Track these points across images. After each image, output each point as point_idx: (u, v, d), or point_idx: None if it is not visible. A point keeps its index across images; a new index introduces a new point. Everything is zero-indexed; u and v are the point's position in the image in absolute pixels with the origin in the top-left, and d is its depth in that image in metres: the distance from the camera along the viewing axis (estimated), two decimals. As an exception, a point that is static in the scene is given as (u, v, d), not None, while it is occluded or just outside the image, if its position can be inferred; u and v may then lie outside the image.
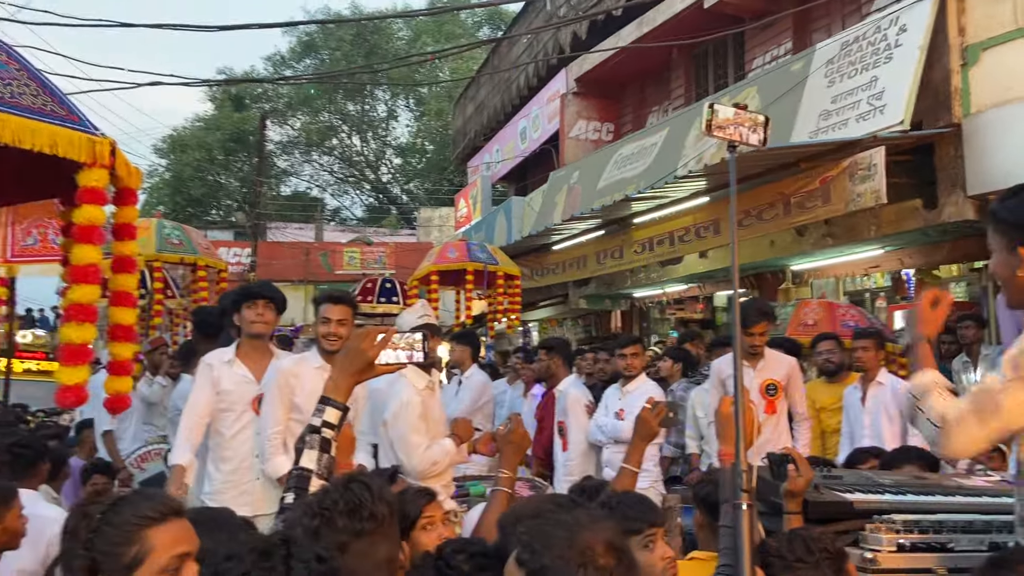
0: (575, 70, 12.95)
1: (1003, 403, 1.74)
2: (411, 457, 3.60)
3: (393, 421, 3.66)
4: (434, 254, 9.19)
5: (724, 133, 2.04)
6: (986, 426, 1.75)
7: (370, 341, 1.89)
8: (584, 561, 1.31)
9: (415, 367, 3.73)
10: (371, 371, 1.92)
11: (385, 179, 34.87)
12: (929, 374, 1.92)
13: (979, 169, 6.37)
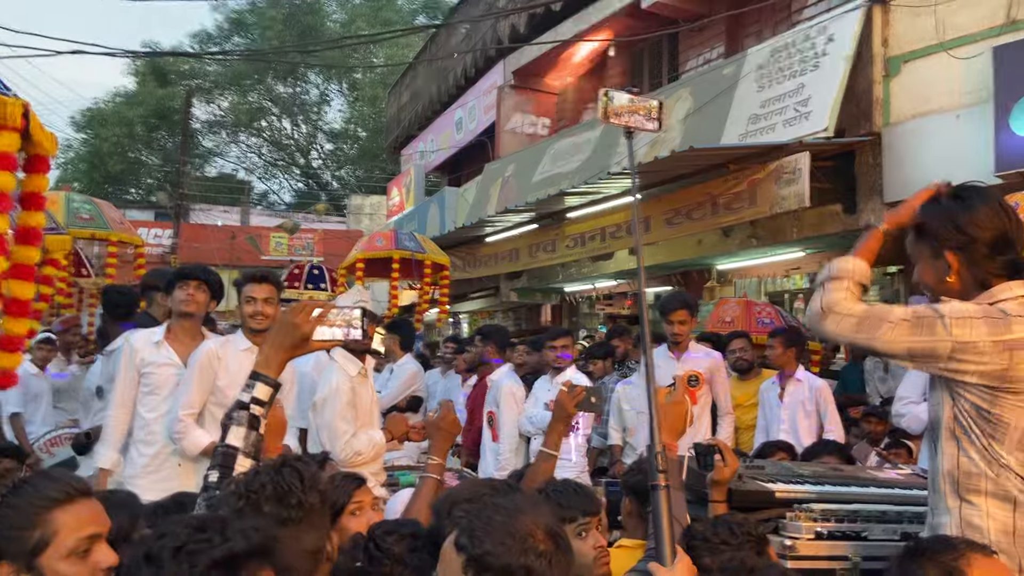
0: (512, 63, 12.96)
1: (885, 328, 1.82)
2: (335, 444, 3.56)
3: (321, 406, 3.61)
4: (362, 242, 9.08)
5: (620, 120, 2.03)
6: (859, 332, 1.85)
7: (305, 315, 1.83)
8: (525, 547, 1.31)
9: (347, 353, 3.70)
10: (305, 346, 1.85)
11: (316, 164, 34.25)
12: (856, 264, 1.95)
13: (896, 177, 6.66)
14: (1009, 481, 1.79)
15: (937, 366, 1.83)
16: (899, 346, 1.83)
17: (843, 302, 1.89)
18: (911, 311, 1.84)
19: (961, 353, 1.79)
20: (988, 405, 1.80)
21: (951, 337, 1.80)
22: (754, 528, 1.69)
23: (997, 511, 1.79)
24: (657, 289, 11.31)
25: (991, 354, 1.78)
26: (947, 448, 1.86)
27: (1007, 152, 5.74)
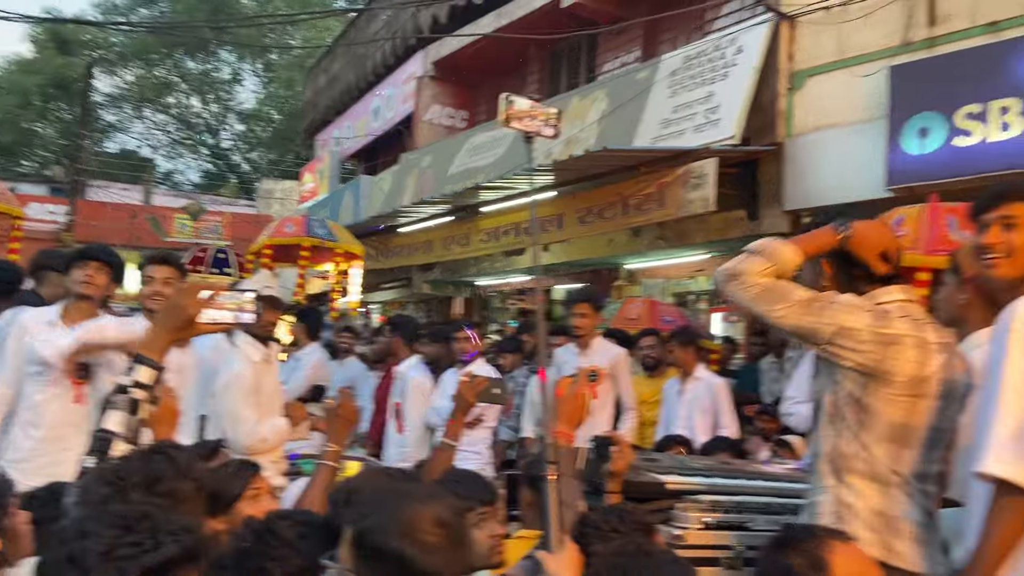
0: (433, 53, 12.89)
1: (782, 305, 1.95)
2: (238, 431, 3.48)
3: (223, 392, 3.53)
4: (271, 227, 8.87)
5: (520, 124, 2.09)
6: (759, 303, 1.97)
7: (192, 297, 1.79)
8: (407, 532, 1.32)
9: (251, 339, 3.63)
10: (191, 329, 1.81)
11: (225, 145, 33.14)
12: (787, 250, 2.02)
13: (796, 187, 6.98)
14: (879, 465, 1.93)
15: (817, 346, 1.96)
16: (789, 321, 1.96)
17: (754, 273, 1.99)
18: (811, 294, 1.97)
19: (841, 338, 1.92)
20: (860, 393, 1.94)
21: (836, 321, 1.93)
22: (643, 517, 1.77)
23: (869, 491, 1.93)
24: (568, 286, 11.49)
25: (869, 343, 1.92)
26: (827, 431, 2.00)
27: (898, 168, 6.10)
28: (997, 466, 1.77)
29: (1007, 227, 1.97)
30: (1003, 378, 1.81)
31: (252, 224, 18.84)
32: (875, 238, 2.03)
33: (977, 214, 2.06)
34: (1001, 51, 5.72)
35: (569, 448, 1.96)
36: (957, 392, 2.02)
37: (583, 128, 8.72)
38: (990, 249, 1.99)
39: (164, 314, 1.81)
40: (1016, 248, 1.95)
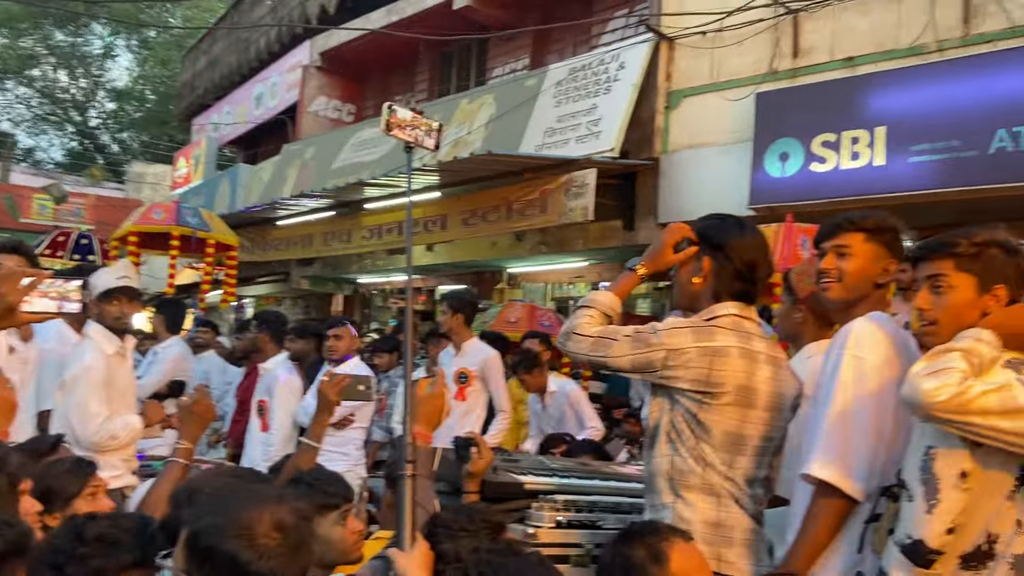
0: (320, 44, 12.64)
1: (613, 346, 2.09)
2: (87, 426, 3.32)
3: (72, 385, 3.35)
4: (139, 213, 8.44)
5: (402, 133, 2.14)
6: (594, 352, 2.11)
7: (12, 284, 1.72)
8: (239, 534, 1.30)
9: (105, 330, 3.47)
10: (12, 317, 1.75)
11: (94, 124, 31.21)
12: (606, 297, 2.21)
13: (670, 200, 7.30)
14: (714, 477, 2.08)
15: (656, 375, 2.09)
16: (624, 360, 2.10)
17: (584, 326, 2.15)
18: (633, 329, 2.12)
19: (672, 359, 2.06)
20: (697, 410, 2.08)
21: (663, 345, 2.07)
22: (492, 515, 1.82)
23: (703, 504, 2.07)
24: (450, 287, 11.53)
25: (696, 359, 2.06)
26: (664, 450, 2.12)
27: (761, 188, 6.49)
28: (821, 470, 1.96)
29: (840, 255, 2.16)
30: (834, 394, 2.00)
31: (119, 208, 17.83)
32: (659, 260, 2.24)
33: (817, 242, 2.26)
34: (855, 85, 6.19)
35: (426, 449, 2.00)
36: (786, 402, 2.19)
37: (470, 131, 8.79)
38: (825, 274, 2.18)
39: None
40: (847, 274, 2.15)
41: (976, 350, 1.74)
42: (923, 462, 1.78)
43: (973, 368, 1.71)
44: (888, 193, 5.76)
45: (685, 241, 2.23)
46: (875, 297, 2.17)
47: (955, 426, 1.70)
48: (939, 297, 1.89)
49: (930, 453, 1.77)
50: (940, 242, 1.92)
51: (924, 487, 1.76)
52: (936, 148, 5.63)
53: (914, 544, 1.74)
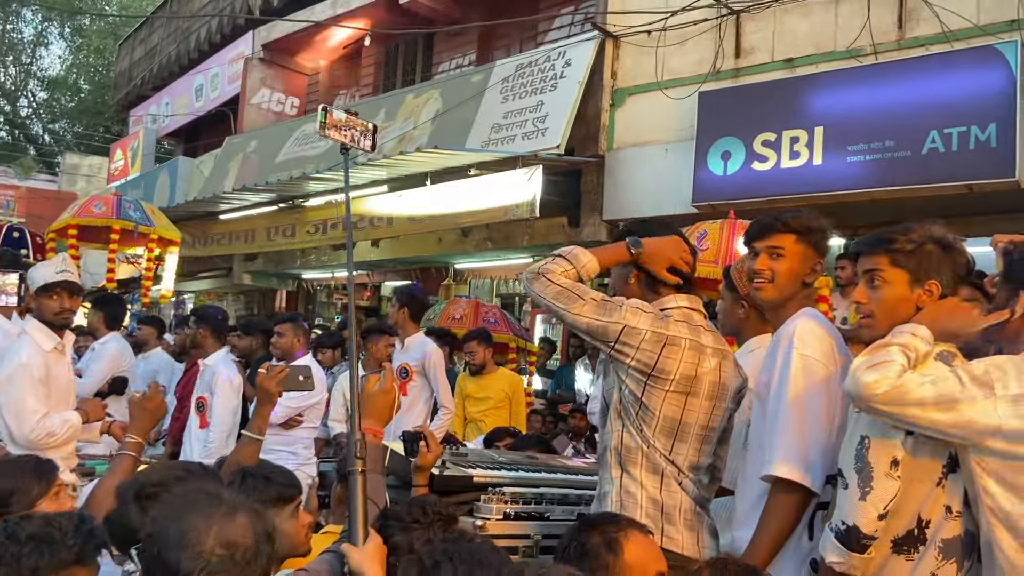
0: (263, 35, 12.41)
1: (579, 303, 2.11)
2: (23, 424, 3.24)
3: (7, 382, 3.25)
4: (77, 206, 8.16)
5: (337, 134, 2.18)
6: (557, 301, 2.12)
7: None
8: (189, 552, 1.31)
9: (42, 326, 3.37)
10: None
11: (25, 113, 30.05)
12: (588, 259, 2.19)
13: (614, 198, 7.37)
14: (657, 457, 2.13)
15: (606, 345, 2.13)
16: (582, 320, 2.12)
17: (556, 273, 2.16)
18: (602, 296, 2.14)
19: (626, 336, 2.10)
20: (640, 392, 2.12)
21: (624, 320, 2.11)
22: (444, 508, 1.83)
23: (648, 481, 2.12)
24: (397, 283, 11.45)
25: (649, 343, 2.11)
26: (615, 426, 2.18)
27: (703, 186, 6.60)
28: (782, 469, 2.02)
29: (773, 256, 2.22)
30: (787, 393, 2.06)
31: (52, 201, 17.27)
32: (663, 254, 2.24)
33: (749, 241, 2.31)
34: (795, 85, 6.35)
35: (376, 444, 2.00)
36: (729, 392, 2.25)
37: (416, 126, 8.74)
38: (758, 274, 2.24)
39: None
40: (779, 275, 2.21)
41: (912, 344, 1.80)
42: (857, 451, 1.84)
43: (910, 362, 1.78)
44: (826, 192, 5.93)
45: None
46: (803, 295, 2.24)
47: (894, 417, 1.77)
48: (875, 291, 1.97)
49: (864, 442, 1.84)
50: (878, 238, 1.99)
51: (858, 475, 1.82)
52: (872, 148, 5.81)
53: (848, 530, 1.81)
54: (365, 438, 1.79)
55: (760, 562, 1.99)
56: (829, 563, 1.84)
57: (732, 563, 1.74)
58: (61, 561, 1.54)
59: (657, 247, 2.23)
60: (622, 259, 2.25)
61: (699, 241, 4.92)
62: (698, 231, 4.93)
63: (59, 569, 1.53)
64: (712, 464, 2.27)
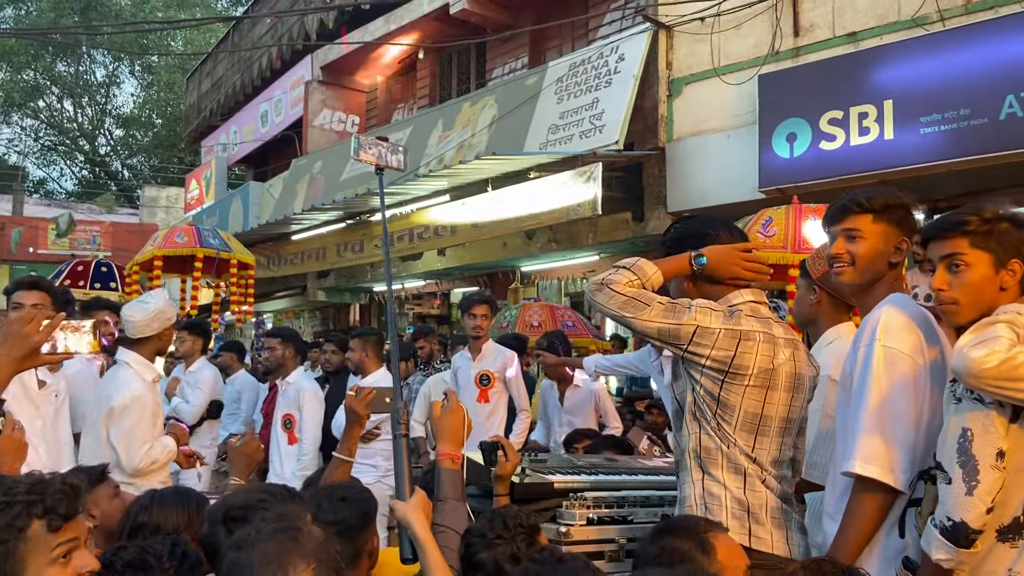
0: (321, 58, 12.71)
1: (646, 310, 2.10)
2: (133, 454, 3.41)
3: (120, 414, 3.42)
4: (159, 237, 8.50)
5: (368, 156, 2.42)
6: (623, 311, 2.11)
7: (35, 326, 1.77)
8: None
9: (142, 358, 3.55)
10: (35, 358, 1.80)
11: (103, 151, 31.50)
12: (650, 269, 2.19)
13: (678, 189, 7.28)
14: (738, 456, 2.09)
15: (680, 347, 2.10)
16: (652, 325, 2.10)
17: (621, 284, 2.14)
18: (668, 299, 2.13)
19: (700, 337, 2.07)
20: (717, 391, 2.09)
21: (695, 321, 2.08)
22: (525, 519, 1.84)
23: (731, 482, 2.09)
24: (464, 289, 11.56)
25: (723, 341, 2.07)
26: (691, 428, 2.15)
27: (770, 170, 6.46)
28: (865, 467, 1.97)
29: (850, 238, 2.16)
30: (869, 387, 2.00)
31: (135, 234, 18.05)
32: (726, 268, 2.21)
33: (826, 226, 2.25)
34: (859, 60, 6.15)
35: (455, 471, 2.02)
36: (804, 382, 2.20)
37: (474, 134, 8.81)
38: (837, 259, 2.18)
39: (7, 343, 1.76)
40: (859, 257, 2.14)
41: (1019, 321, 1.75)
42: (960, 444, 1.77)
43: (1019, 338, 1.72)
44: (899, 167, 5.73)
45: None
46: (891, 276, 2.16)
47: (1006, 392, 1.71)
48: (956, 276, 1.89)
49: (967, 435, 1.76)
50: (951, 221, 1.92)
51: (962, 469, 1.75)
52: (945, 118, 5.59)
53: (955, 526, 1.74)
54: (442, 464, 1.95)
55: (844, 561, 1.94)
56: (936, 560, 1.77)
57: (828, 564, 1.70)
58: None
59: (720, 260, 2.20)
60: (684, 271, 2.24)
61: (765, 228, 4.82)
62: (762, 219, 4.83)
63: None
64: (793, 457, 2.22)
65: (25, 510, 1.47)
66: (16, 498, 1.48)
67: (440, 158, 8.92)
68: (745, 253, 2.23)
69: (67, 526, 1.51)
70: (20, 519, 1.46)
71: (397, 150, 2.38)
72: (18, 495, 1.48)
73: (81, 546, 1.53)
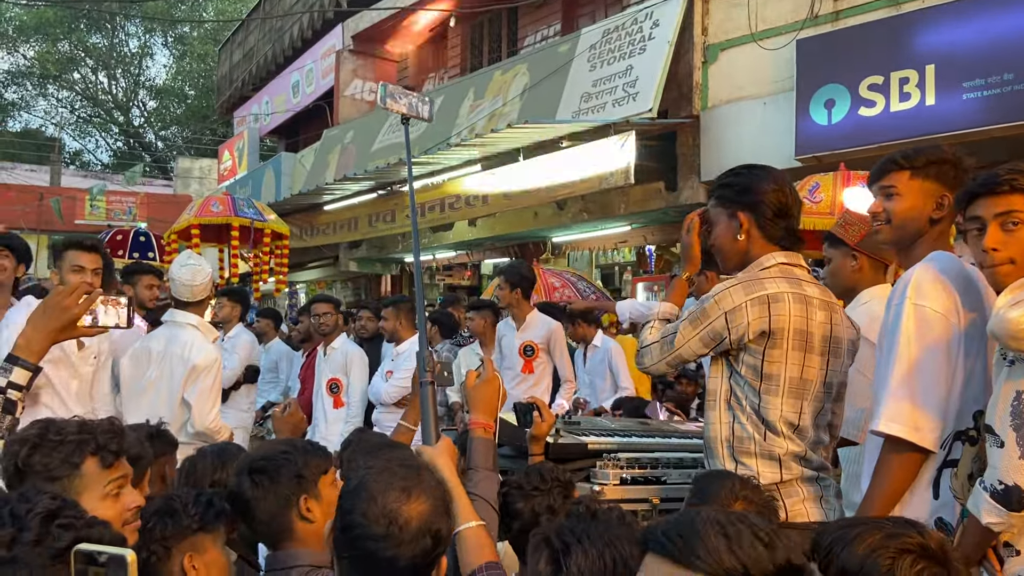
0: (352, 27, 12.68)
1: (676, 338, 2.16)
2: (207, 414, 3.54)
3: (201, 373, 3.54)
4: (195, 207, 8.60)
5: (396, 105, 2.33)
6: (665, 353, 2.18)
7: (75, 299, 1.80)
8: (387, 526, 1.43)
9: (207, 324, 3.65)
10: (72, 330, 1.83)
11: (137, 123, 31.86)
12: (664, 306, 2.31)
13: (712, 158, 7.19)
14: (776, 442, 2.08)
15: (726, 342, 2.10)
16: (693, 342, 2.13)
17: (647, 339, 2.23)
18: (685, 314, 2.15)
19: (732, 319, 2.07)
20: (759, 363, 2.07)
21: (720, 309, 2.08)
22: (561, 474, 1.86)
23: (764, 468, 2.08)
24: (496, 260, 11.58)
25: (752, 309, 2.06)
26: (724, 417, 2.14)
27: (806, 138, 6.35)
28: (889, 425, 1.95)
29: (887, 196, 2.12)
30: (898, 345, 1.97)
31: (170, 204, 18.26)
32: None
33: (869, 184, 2.22)
34: (900, 23, 6.00)
35: (488, 440, 2.05)
36: (843, 346, 2.18)
37: (505, 102, 8.76)
38: (874, 217, 2.15)
39: (45, 316, 1.80)
40: (894, 214, 2.11)
41: None
42: (1014, 407, 1.74)
43: None
44: (941, 133, 5.60)
45: (702, 226, 2.31)
46: (934, 233, 2.11)
47: None
48: (1011, 234, 1.84)
49: (1021, 398, 1.73)
50: (1002, 178, 1.85)
51: (1016, 432, 1.72)
52: (989, 83, 5.44)
53: (1007, 490, 1.72)
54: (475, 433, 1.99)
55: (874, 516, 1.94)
56: (987, 524, 1.76)
57: None
58: (186, 528, 1.74)
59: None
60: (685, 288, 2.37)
61: (812, 193, 4.76)
62: (810, 183, 4.77)
63: (185, 536, 1.73)
64: (830, 422, 2.21)
65: (78, 448, 1.54)
66: (68, 437, 1.55)
67: (471, 127, 8.90)
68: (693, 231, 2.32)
69: (117, 463, 1.58)
70: (75, 455, 1.54)
71: (425, 100, 2.35)
72: (70, 435, 1.55)
73: (128, 483, 1.60)
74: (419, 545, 1.39)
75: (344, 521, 1.42)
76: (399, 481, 1.44)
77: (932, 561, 1.18)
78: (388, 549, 1.38)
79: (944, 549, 1.22)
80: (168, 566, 1.72)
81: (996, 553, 1.80)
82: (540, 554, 1.34)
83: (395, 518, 1.39)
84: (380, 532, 1.38)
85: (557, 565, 1.31)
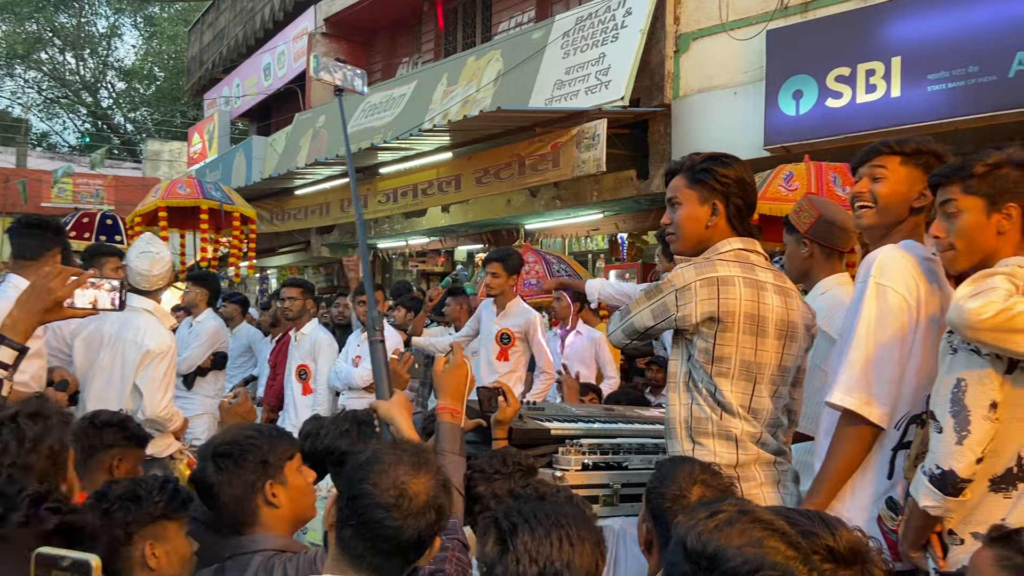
0: (325, 9, 12.55)
1: (631, 310, 2.20)
2: (158, 402, 3.49)
3: (154, 360, 3.49)
4: (161, 189, 8.47)
5: (329, 76, 2.37)
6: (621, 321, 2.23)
7: (61, 280, 1.82)
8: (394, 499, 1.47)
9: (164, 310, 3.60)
10: (58, 312, 1.85)
11: (106, 104, 31.28)
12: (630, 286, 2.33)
13: (683, 146, 7.22)
14: (732, 422, 2.11)
15: (672, 319, 2.12)
16: (645, 313, 2.16)
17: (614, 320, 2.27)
18: (641, 288, 2.18)
19: (681, 297, 2.10)
20: (711, 346, 2.10)
21: (671, 285, 2.12)
22: (523, 459, 1.89)
23: (720, 448, 2.11)
24: (469, 247, 11.57)
25: (702, 290, 2.09)
26: (683, 398, 2.17)
27: (775, 128, 6.41)
28: (844, 398, 2.00)
29: (875, 179, 2.16)
30: (858, 322, 2.03)
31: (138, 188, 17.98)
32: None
33: (855, 167, 2.26)
34: (868, 15, 6.06)
35: (455, 425, 2.06)
36: (798, 331, 2.21)
37: (479, 88, 8.74)
38: (858, 197, 2.19)
39: (32, 296, 1.82)
40: (880, 197, 2.15)
41: (1019, 273, 1.75)
42: (953, 394, 1.78)
43: (1017, 290, 1.72)
44: (906, 125, 5.67)
45: None
46: (911, 223, 2.16)
47: (1000, 346, 1.70)
48: (951, 223, 1.91)
49: (960, 385, 1.78)
50: (950, 168, 1.93)
51: (954, 419, 1.77)
52: (954, 75, 5.52)
53: (944, 475, 1.77)
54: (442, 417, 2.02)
55: (825, 488, 2.00)
56: (923, 507, 1.81)
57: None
58: (149, 515, 1.74)
59: None
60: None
61: (786, 182, 4.82)
62: (782, 173, 4.83)
63: (148, 522, 1.74)
64: (788, 406, 2.25)
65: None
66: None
67: (445, 113, 8.87)
68: None
69: None
70: None
71: (359, 73, 2.39)
72: None
73: None
74: (424, 519, 1.45)
75: (353, 490, 1.46)
76: (409, 457, 1.51)
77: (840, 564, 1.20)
78: (395, 519, 1.43)
79: (856, 550, 1.23)
80: (129, 551, 1.73)
81: (941, 541, 1.86)
82: (488, 534, 1.37)
83: (405, 490, 1.45)
84: (390, 502, 1.43)
85: (504, 545, 1.34)
